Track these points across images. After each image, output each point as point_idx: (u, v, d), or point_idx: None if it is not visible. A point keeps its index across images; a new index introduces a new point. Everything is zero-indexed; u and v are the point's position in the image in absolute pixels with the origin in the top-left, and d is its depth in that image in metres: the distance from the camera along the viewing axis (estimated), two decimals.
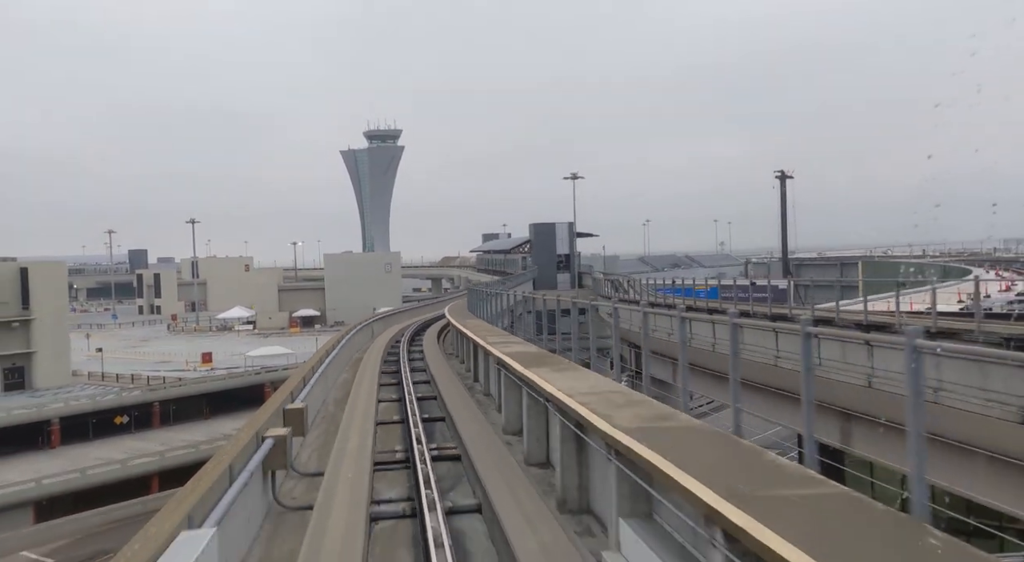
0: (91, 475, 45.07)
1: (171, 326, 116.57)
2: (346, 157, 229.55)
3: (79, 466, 46.09)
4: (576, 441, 8.53)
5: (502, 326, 22.52)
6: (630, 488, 6.29)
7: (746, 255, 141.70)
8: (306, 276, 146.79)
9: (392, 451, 12.78)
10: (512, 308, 28.06)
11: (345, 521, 7.98)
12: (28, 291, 62.51)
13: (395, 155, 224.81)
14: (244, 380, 62.94)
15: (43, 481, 43.46)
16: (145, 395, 58.11)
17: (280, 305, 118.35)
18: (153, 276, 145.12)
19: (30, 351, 62.60)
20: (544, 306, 18.85)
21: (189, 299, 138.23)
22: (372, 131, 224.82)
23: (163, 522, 5.63)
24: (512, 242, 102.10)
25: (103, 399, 56.80)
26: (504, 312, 25.62)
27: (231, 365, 72.14)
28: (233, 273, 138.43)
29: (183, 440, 53.53)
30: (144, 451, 49.83)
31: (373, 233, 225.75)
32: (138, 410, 57.22)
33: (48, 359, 63.17)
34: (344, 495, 9.01)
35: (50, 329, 63.53)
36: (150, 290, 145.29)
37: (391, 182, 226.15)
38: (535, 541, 7.08)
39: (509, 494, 8.71)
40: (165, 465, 47.12)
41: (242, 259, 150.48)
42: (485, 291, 28.32)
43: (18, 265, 64.04)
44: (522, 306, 28.97)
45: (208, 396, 60.72)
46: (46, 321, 63.32)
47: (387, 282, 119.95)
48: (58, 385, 62.46)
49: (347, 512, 8.28)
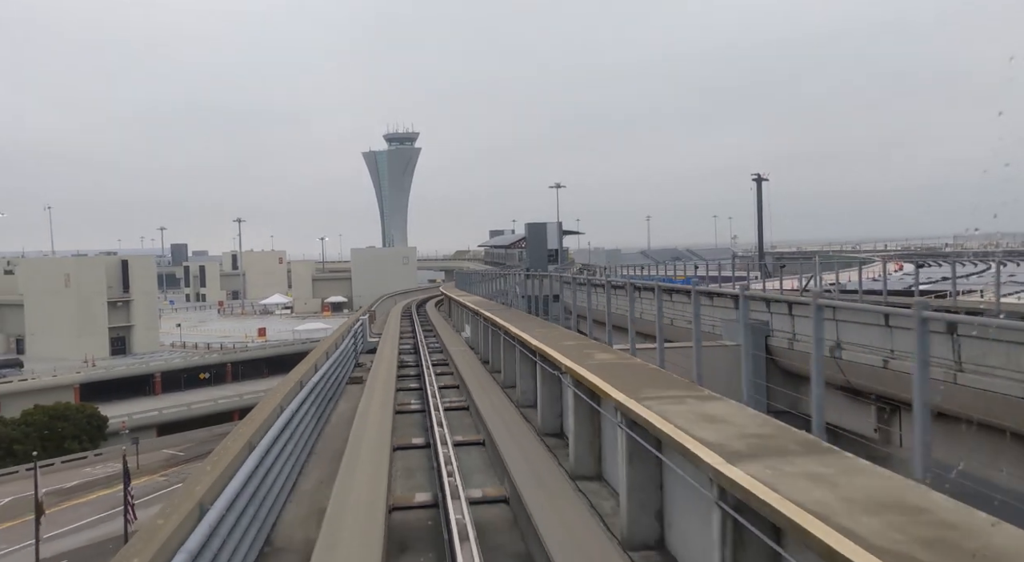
0: (193, 409, 63.04)
1: (220, 310, 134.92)
2: (367, 158, 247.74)
3: (181, 404, 64.10)
4: (495, 334, 25.70)
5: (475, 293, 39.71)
6: (569, 393, 23.46)
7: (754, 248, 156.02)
8: (333, 268, 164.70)
9: (414, 351, 30.05)
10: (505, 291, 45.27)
11: (387, 361, 25.14)
12: (128, 278, 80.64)
13: (412, 156, 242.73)
14: (294, 348, 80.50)
15: (163, 411, 61.51)
16: (221, 357, 76.12)
17: (314, 292, 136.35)
18: (199, 268, 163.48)
19: (130, 324, 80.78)
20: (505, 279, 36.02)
21: (230, 288, 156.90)
22: (391, 134, 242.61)
23: (272, 399, 22.92)
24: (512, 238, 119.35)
25: (191, 360, 74.87)
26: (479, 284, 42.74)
27: (281, 339, 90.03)
28: (269, 265, 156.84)
29: (250, 390, 71.41)
30: (224, 396, 67.70)
31: (392, 228, 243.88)
32: (216, 369, 75.16)
33: (143, 330, 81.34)
34: (391, 334, 26.38)
35: (144, 308, 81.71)
36: (195, 280, 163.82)
37: (409, 182, 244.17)
38: (467, 368, 24.35)
39: (452, 337, 25.94)
40: (242, 405, 64.85)
41: (275, 253, 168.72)
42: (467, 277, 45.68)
43: (119, 258, 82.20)
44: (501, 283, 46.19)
45: (266, 359, 78.49)
46: (141, 301, 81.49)
47: (404, 273, 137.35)
48: (150, 351, 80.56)
49: (396, 327, 25.73)
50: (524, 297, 22.26)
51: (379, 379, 18.48)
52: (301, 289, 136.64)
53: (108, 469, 50.66)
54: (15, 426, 52.33)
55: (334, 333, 24.05)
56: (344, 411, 15.57)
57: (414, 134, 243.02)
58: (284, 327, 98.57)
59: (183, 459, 52.14)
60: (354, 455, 10.74)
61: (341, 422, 14.25)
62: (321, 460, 11.64)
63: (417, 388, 18.04)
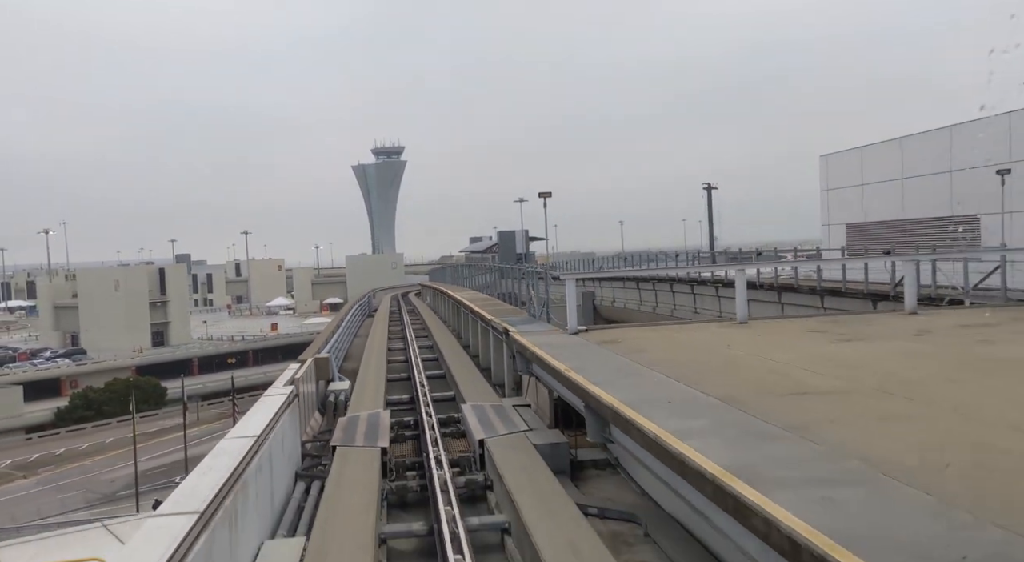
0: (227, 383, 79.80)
1: (230, 312, 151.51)
2: (356, 171, 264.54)
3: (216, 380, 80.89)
4: (440, 295, 42.78)
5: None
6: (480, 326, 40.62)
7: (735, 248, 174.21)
8: (328, 273, 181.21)
9: (398, 312, 47.14)
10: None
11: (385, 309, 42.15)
12: (164, 283, 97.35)
13: (399, 169, 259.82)
14: (303, 338, 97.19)
15: (206, 384, 78.29)
16: (245, 346, 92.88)
17: (313, 295, 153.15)
18: (206, 275, 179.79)
19: (167, 321, 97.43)
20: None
21: (235, 293, 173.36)
22: (379, 148, 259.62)
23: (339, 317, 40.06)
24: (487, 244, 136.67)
25: (220, 347, 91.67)
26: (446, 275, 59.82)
27: (291, 332, 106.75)
28: (269, 272, 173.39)
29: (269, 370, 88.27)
30: (250, 374, 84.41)
31: (381, 236, 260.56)
32: (240, 355, 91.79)
33: (178, 326, 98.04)
34: (383, 306, 43.56)
35: (178, 307, 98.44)
36: (203, 286, 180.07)
37: (396, 192, 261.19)
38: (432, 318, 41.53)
39: (421, 304, 43.02)
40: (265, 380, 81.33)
41: (275, 260, 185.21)
42: (440, 272, 62.69)
43: (157, 267, 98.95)
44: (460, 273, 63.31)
45: (280, 347, 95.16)
46: (176, 302, 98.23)
47: (393, 277, 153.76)
48: (183, 342, 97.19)
49: (387, 303, 42.99)
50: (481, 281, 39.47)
51: (381, 318, 35.59)
52: (302, 292, 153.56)
53: (173, 422, 67.68)
54: (102, 393, 69.14)
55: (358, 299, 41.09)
56: (366, 323, 32.73)
57: (400, 148, 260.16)
58: (291, 323, 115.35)
59: (228, 414, 69.00)
60: (374, 338, 27.78)
61: (364, 331, 31.34)
62: (359, 338, 28.67)
63: (400, 322, 35.06)
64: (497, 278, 29.05)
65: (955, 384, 8.22)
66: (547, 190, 63.30)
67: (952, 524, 4.36)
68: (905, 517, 4.49)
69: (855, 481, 5.15)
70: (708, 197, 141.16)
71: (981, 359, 9.60)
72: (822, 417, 6.80)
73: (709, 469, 5.44)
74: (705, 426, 6.74)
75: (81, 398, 71.89)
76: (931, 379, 8.42)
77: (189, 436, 52.33)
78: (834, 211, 33.76)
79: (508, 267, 27.62)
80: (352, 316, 33.30)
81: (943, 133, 26.51)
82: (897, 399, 7.47)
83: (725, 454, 5.72)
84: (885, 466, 5.35)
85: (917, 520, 4.45)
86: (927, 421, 6.85)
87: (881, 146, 30.66)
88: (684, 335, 13.41)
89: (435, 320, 34.48)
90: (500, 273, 28.03)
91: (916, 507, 4.65)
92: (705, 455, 5.71)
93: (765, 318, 17.11)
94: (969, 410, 7.03)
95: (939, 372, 8.90)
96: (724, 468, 5.40)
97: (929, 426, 6.68)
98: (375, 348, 24.27)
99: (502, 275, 27.22)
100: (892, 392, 7.68)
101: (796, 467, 5.54)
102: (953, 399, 7.47)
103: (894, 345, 10.80)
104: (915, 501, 4.73)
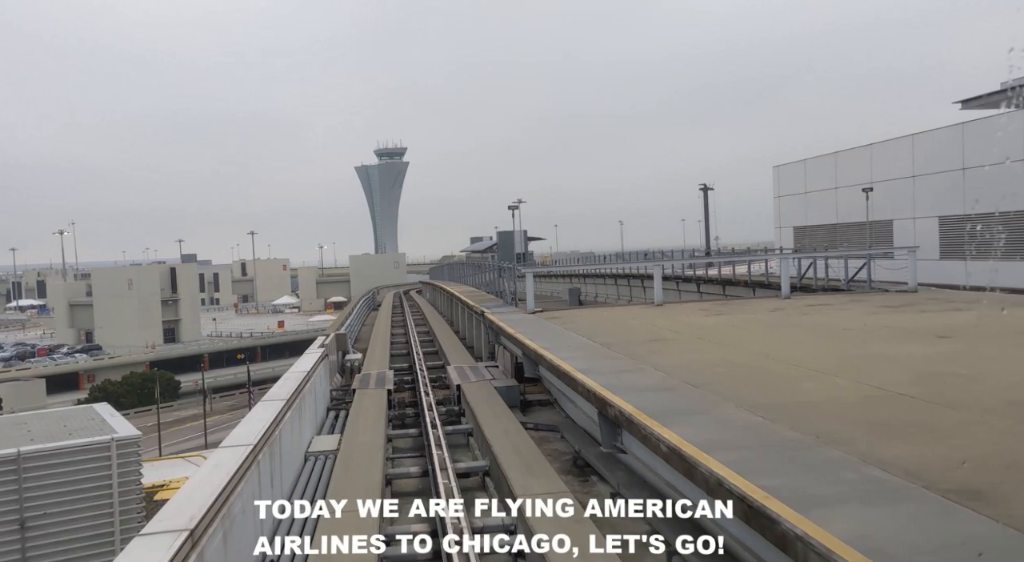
0: (237, 377, 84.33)
1: (236, 311, 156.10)
2: (359, 172, 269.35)
3: (227, 374, 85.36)
4: (438, 290, 47.27)
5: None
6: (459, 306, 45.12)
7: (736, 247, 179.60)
8: (332, 272, 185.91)
9: (400, 306, 51.62)
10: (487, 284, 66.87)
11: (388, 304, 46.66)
12: (176, 282, 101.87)
13: (401, 170, 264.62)
14: (308, 335, 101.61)
15: (217, 378, 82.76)
16: (253, 342, 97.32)
17: (318, 293, 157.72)
18: (213, 275, 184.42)
19: (178, 318, 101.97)
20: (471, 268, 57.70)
21: (240, 293, 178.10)
22: (381, 149, 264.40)
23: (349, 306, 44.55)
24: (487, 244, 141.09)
25: (230, 343, 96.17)
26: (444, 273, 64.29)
27: (297, 329, 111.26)
28: (274, 271, 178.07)
29: (276, 365, 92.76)
30: (258, 368, 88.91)
31: (383, 235, 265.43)
32: (249, 351, 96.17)
33: (188, 323, 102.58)
34: (387, 301, 48.09)
35: (188, 305, 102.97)
36: (209, 286, 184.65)
37: (398, 193, 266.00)
38: None
39: (421, 300, 47.49)
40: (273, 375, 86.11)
41: (279, 260, 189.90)
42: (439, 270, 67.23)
43: (168, 266, 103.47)
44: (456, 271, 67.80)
45: (287, 344, 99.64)
46: (186, 300, 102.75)
47: (396, 276, 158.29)
48: (194, 339, 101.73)
49: (390, 299, 47.53)
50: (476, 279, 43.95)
51: (385, 310, 40.06)
52: (307, 291, 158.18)
53: (188, 413, 72.30)
54: (120, 386, 73.67)
55: (363, 294, 45.55)
56: (371, 316, 37.21)
57: (402, 149, 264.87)
58: (297, 321, 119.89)
59: (239, 406, 73.59)
60: (379, 325, 32.26)
61: (370, 321, 35.82)
62: (366, 327, 33.13)
63: (402, 313, 39.50)
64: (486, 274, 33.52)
65: (752, 334, 12.68)
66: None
67: (693, 392, 8.81)
68: (653, 386, 8.94)
69: (635, 369, 9.61)
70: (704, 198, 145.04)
71: (789, 323, 14.00)
72: (651, 350, 11.28)
73: (571, 370, 9.91)
74: (580, 355, 11.26)
75: (100, 391, 76.48)
76: (741, 332, 12.86)
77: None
78: (784, 216, 38.26)
79: (487, 265, 32.04)
80: (359, 309, 37.79)
81: (864, 151, 31.03)
82: (705, 342, 11.94)
83: (581, 364, 10.20)
84: (666, 369, 9.80)
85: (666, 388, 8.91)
86: (709, 351, 11.32)
87: (821, 159, 35.14)
88: (608, 314, 17.84)
89: (432, 311, 38.93)
90: (483, 270, 32.49)
91: (663, 383, 9.09)
92: (572, 365, 10.20)
93: (678, 302, 21.58)
94: (743, 346, 11.49)
95: (752, 329, 13.33)
96: (578, 369, 9.87)
97: (707, 353, 11.15)
98: (380, 332, 28.73)
99: (485, 272, 31.66)
100: (708, 339, 12.15)
101: (612, 368, 10.01)
102: (739, 341, 11.95)
103: (745, 317, 15.18)
104: (672, 382, 9.18)
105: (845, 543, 3.94)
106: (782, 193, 38.60)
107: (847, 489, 4.92)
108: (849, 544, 3.92)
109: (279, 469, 8.98)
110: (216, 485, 6.20)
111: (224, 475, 6.52)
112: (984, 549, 3.87)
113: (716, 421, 6.94)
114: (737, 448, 5.85)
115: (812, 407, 7.28)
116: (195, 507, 5.46)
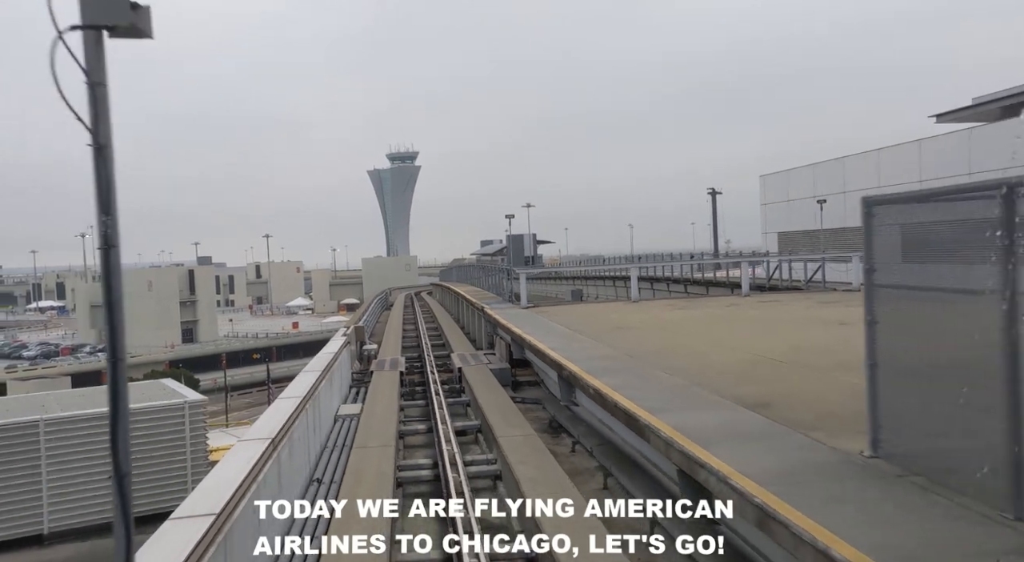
0: (255, 375, 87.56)
1: (251, 312, 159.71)
2: (372, 176, 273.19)
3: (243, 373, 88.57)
4: (447, 291, 50.19)
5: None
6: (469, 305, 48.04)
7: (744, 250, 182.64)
8: (344, 275, 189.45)
9: (411, 305, 54.54)
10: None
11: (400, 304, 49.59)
12: (193, 283, 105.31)
13: (413, 174, 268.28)
14: (323, 335, 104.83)
15: (234, 377, 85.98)
16: (269, 342, 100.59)
17: (331, 296, 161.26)
18: (228, 277, 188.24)
19: (196, 319, 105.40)
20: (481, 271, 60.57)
21: (255, 294, 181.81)
22: (393, 153, 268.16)
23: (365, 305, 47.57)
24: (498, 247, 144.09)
25: (247, 343, 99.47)
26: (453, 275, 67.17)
27: (311, 330, 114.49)
28: (288, 274, 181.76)
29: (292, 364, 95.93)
30: (275, 367, 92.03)
31: (395, 238, 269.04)
32: (264, 351, 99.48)
33: (206, 323, 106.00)
34: (399, 301, 51.05)
35: (206, 306, 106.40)
36: (225, 288, 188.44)
37: (410, 196, 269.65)
38: None
39: (431, 300, 50.42)
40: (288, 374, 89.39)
41: (293, 263, 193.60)
42: (448, 272, 70.10)
43: (186, 268, 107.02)
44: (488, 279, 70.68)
45: (302, 344, 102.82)
46: (204, 301, 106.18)
47: (407, 278, 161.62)
48: (212, 339, 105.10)
49: (402, 299, 50.51)
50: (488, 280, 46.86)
51: (397, 309, 43.01)
52: (320, 293, 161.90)
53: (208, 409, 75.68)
54: None
55: (376, 295, 48.55)
56: (384, 315, 40.21)
57: (414, 153, 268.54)
58: (310, 322, 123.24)
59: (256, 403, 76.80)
60: (392, 322, 35.15)
61: (383, 319, 38.78)
62: (379, 324, 36.08)
63: (413, 312, 42.40)
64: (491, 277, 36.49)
65: (701, 325, 15.45)
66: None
67: (629, 360, 11.60)
68: (600, 356, 11.74)
69: (592, 347, 12.39)
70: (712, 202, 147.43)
71: (736, 316, 16.72)
72: (614, 336, 14.08)
73: (544, 348, 12.73)
74: (555, 339, 14.06)
75: None
76: (694, 323, 15.64)
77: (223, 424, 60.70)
78: (770, 222, 40.97)
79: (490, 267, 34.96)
80: (373, 308, 40.68)
81: (837, 163, 33.74)
82: (661, 330, 14.73)
83: (553, 343, 13.01)
84: (617, 346, 12.58)
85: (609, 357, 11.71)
86: (661, 336, 14.10)
87: (802, 170, 37.85)
88: (590, 309, 20.64)
89: (440, 310, 41.83)
90: (487, 271, 35.40)
91: (609, 354, 11.88)
92: (545, 343, 13.01)
93: (653, 299, 24.38)
94: (689, 332, 14.28)
95: (704, 321, 16.09)
96: (549, 347, 12.69)
97: (658, 337, 13.93)
98: (393, 327, 31.65)
99: (488, 273, 34.56)
100: (664, 328, 14.96)
101: (575, 347, 12.81)
102: (689, 329, 14.73)
103: (704, 311, 17.92)
104: (616, 354, 11.97)
105: (672, 427, 6.74)
106: (767, 201, 41.31)
107: (687, 406, 7.74)
108: (674, 428, 6.73)
109: (319, 419, 11.85)
110: (279, 420, 9.08)
111: (284, 415, 9.40)
112: (748, 430, 6.68)
113: (635, 375, 9.74)
114: (638, 389, 8.62)
115: (708, 368, 10.06)
116: (275, 422, 8.33)
